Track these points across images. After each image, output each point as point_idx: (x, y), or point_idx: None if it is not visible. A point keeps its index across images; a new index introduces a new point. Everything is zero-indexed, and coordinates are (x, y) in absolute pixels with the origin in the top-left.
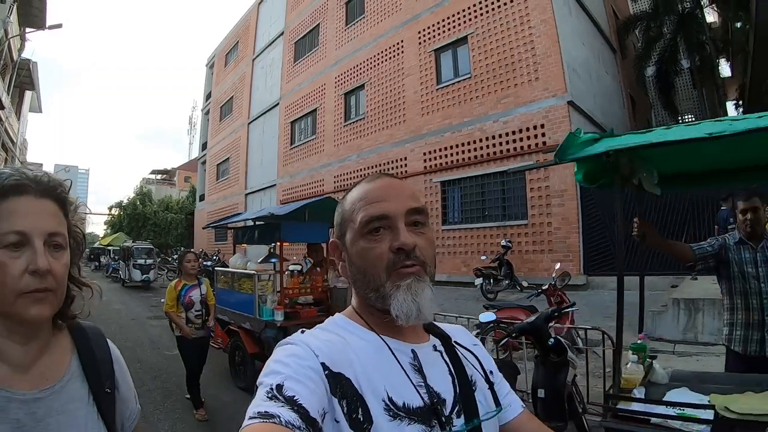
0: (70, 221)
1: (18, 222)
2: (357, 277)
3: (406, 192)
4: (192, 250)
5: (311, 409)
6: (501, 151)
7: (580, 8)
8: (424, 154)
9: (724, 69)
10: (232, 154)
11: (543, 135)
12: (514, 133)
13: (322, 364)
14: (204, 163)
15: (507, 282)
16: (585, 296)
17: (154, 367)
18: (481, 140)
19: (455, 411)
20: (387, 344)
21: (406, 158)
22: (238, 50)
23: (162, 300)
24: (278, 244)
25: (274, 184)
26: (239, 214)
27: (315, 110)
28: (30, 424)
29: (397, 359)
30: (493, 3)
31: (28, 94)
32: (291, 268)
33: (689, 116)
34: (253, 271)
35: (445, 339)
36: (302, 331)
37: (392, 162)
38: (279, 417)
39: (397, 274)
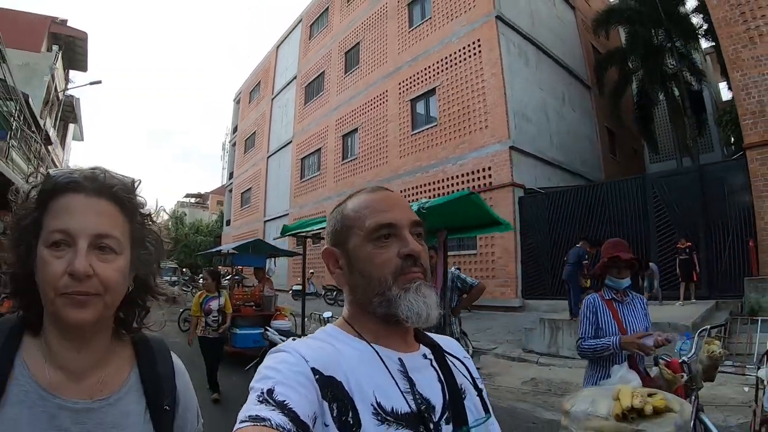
0: (136, 225)
1: (64, 220)
2: (359, 282)
3: (406, 205)
4: (211, 268)
5: (302, 413)
6: (457, 190)
7: (543, 55)
8: (401, 191)
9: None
10: (254, 185)
11: (490, 176)
12: (468, 174)
13: (313, 369)
14: (231, 190)
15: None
16: (517, 317)
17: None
18: (443, 180)
19: (444, 417)
20: (376, 351)
21: None
22: (260, 89)
23: (181, 310)
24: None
25: (287, 213)
26: (220, 247)
27: (320, 149)
28: None
29: (385, 365)
30: (455, 58)
31: (71, 126)
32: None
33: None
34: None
35: (435, 348)
36: (293, 339)
37: None
38: (270, 420)
39: (404, 278)
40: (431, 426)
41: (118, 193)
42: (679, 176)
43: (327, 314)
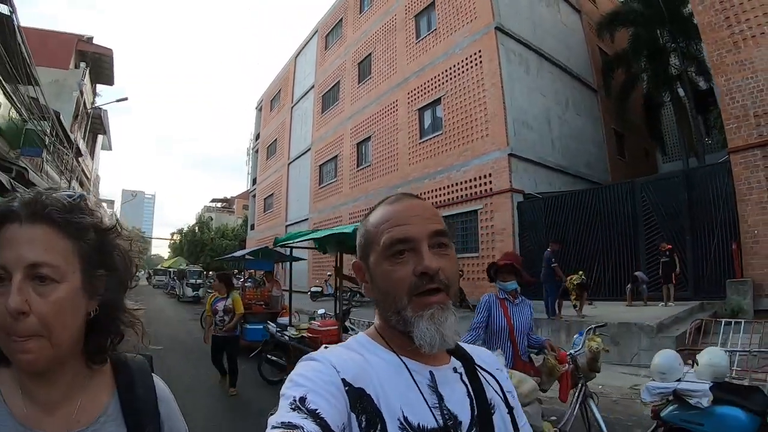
0: (83, 243)
1: (1, 255)
2: (379, 298)
3: (428, 214)
4: (221, 272)
5: (332, 422)
6: (461, 196)
7: (546, 62)
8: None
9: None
10: (276, 190)
11: (490, 182)
12: (470, 180)
13: (343, 380)
14: (254, 196)
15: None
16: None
17: (187, 343)
18: (448, 186)
19: None
20: (405, 364)
21: None
22: (281, 98)
23: (203, 310)
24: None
25: (307, 218)
26: (235, 254)
27: (336, 156)
28: None
29: (414, 380)
30: (459, 68)
31: (100, 137)
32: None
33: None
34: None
35: (466, 360)
36: (325, 347)
37: None
38: (302, 428)
39: (420, 302)
40: None
41: (52, 214)
42: (665, 180)
43: (321, 311)
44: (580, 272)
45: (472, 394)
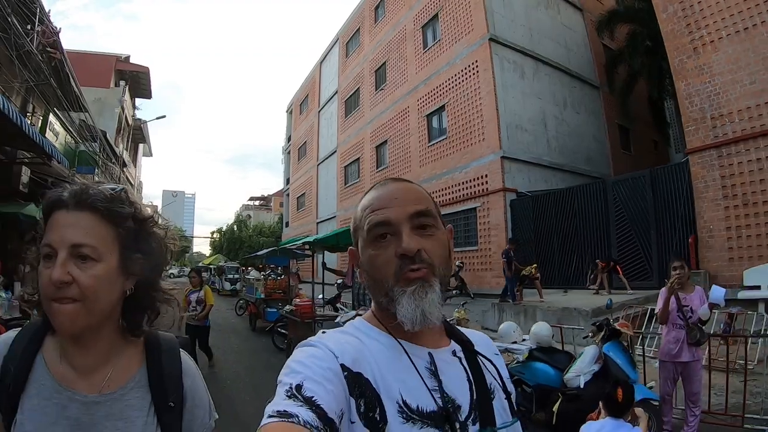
0: (122, 231)
1: (49, 235)
2: (370, 283)
3: (410, 196)
4: (196, 266)
5: (329, 409)
6: (463, 195)
7: (543, 65)
8: None
9: None
10: (307, 190)
11: (487, 182)
12: (470, 181)
13: (342, 365)
14: (288, 195)
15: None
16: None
17: (223, 327)
18: (452, 186)
19: (471, 418)
20: (403, 347)
21: None
22: (308, 102)
23: (237, 300)
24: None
25: (335, 216)
26: (258, 253)
27: (358, 159)
28: (87, 424)
29: (412, 362)
30: (459, 77)
31: (141, 145)
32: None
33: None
34: (252, 277)
35: (466, 345)
36: (323, 332)
37: None
38: (297, 417)
39: (404, 279)
40: (457, 426)
41: (96, 204)
42: (632, 180)
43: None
44: (534, 265)
45: (471, 378)
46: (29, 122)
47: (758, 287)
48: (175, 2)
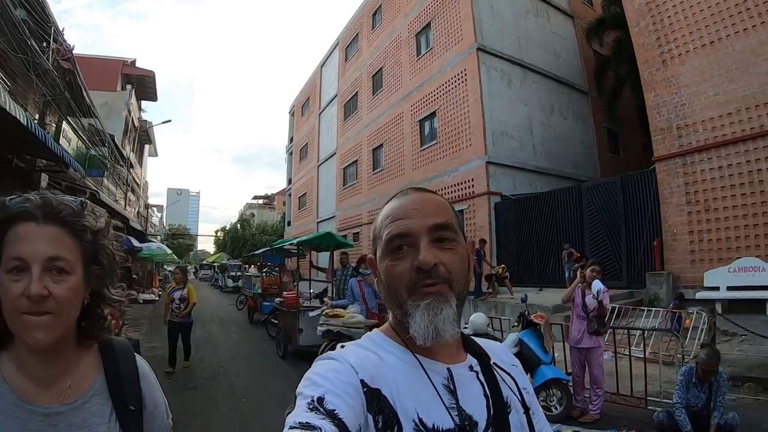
0: (86, 244)
1: (18, 248)
2: (385, 294)
3: (430, 207)
4: (181, 265)
5: (350, 423)
6: (452, 197)
7: (531, 73)
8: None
9: None
10: (308, 190)
11: (473, 186)
12: (458, 184)
13: (362, 381)
14: (290, 195)
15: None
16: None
17: (225, 320)
18: (442, 189)
19: None
20: (420, 363)
21: None
22: (310, 104)
23: (237, 296)
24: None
25: (334, 216)
26: (255, 252)
27: (356, 161)
28: None
29: (429, 379)
30: (450, 85)
31: (146, 146)
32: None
33: None
34: (250, 274)
35: (483, 358)
36: (342, 347)
37: None
38: (320, 429)
39: (419, 293)
40: None
41: (66, 218)
42: (605, 185)
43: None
44: (502, 266)
45: (488, 393)
46: (46, 132)
47: (717, 288)
48: (179, 2)
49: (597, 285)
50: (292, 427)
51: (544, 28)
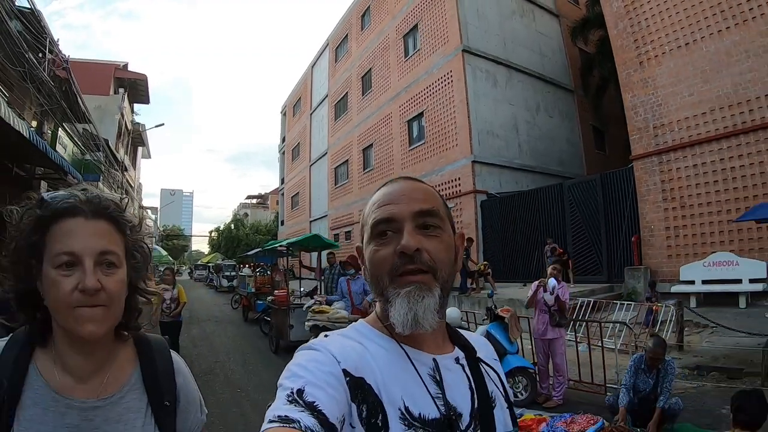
0: (128, 238)
1: (69, 243)
2: (369, 281)
3: (417, 194)
4: (170, 266)
5: (330, 415)
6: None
7: (516, 72)
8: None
9: None
10: (300, 190)
11: (459, 184)
12: (446, 183)
13: (344, 370)
14: (283, 194)
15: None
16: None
17: (220, 319)
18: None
19: (471, 426)
20: (406, 353)
21: None
22: (301, 104)
23: (233, 297)
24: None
25: (327, 215)
26: (248, 252)
27: (347, 160)
28: (87, 429)
29: (416, 369)
30: (436, 86)
31: (140, 148)
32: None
33: None
34: (244, 274)
35: (469, 351)
36: (325, 335)
37: None
38: (299, 422)
39: (400, 280)
40: None
41: (113, 213)
42: (586, 183)
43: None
44: (485, 263)
45: (473, 385)
46: (45, 141)
47: (692, 282)
48: (172, 1)
49: (552, 282)
50: (270, 421)
51: (529, 28)
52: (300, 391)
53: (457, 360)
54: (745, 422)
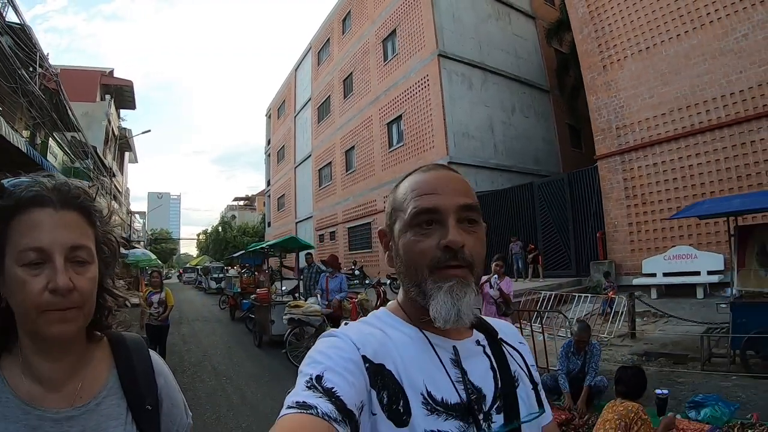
0: (98, 230)
1: (37, 237)
2: (401, 269)
3: (459, 186)
4: (157, 269)
5: (349, 401)
6: None
7: (491, 75)
8: (384, 198)
9: None
10: (286, 191)
11: None
12: None
13: (363, 356)
14: (269, 196)
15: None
16: None
17: (209, 318)
18: None
19: (495, 407)
20: (428, 339)
21: (375, 201)
22: (285, 107)
23: (221, 298)
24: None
25: (312, 216)
26: (235, 254)
27: (330, 162)
28: None
29: (437, 354)
30: (414, 89)
31: (126, 153)
32: None
33: None
34: (231, 275)
35: (489, 333)
36: (345, 323)
37: (368, 203)
38: (316, 408)
39: (441, 273)
40: (481, 417)
41: (84, 203)
42: (554, 181)
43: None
44: None
45: (495, 367)
46: (38, 153)
47: (654, 275)
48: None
49: (494, 278)
50: (288, 407)
51: (505, 31)
52: (319, 377)
53: (477, 342)
54: (624, 393)
